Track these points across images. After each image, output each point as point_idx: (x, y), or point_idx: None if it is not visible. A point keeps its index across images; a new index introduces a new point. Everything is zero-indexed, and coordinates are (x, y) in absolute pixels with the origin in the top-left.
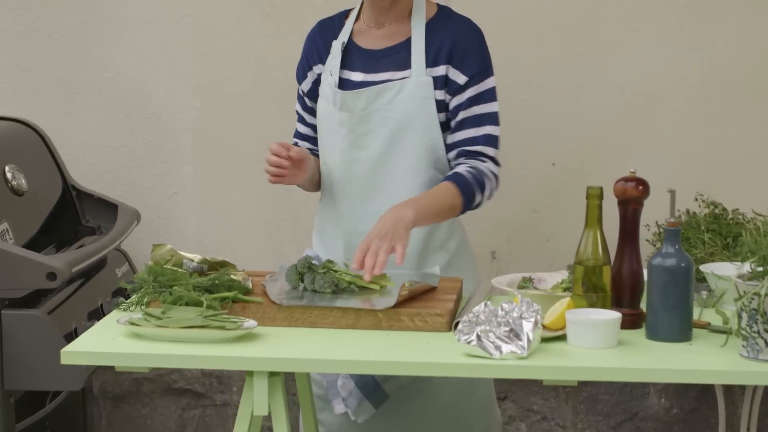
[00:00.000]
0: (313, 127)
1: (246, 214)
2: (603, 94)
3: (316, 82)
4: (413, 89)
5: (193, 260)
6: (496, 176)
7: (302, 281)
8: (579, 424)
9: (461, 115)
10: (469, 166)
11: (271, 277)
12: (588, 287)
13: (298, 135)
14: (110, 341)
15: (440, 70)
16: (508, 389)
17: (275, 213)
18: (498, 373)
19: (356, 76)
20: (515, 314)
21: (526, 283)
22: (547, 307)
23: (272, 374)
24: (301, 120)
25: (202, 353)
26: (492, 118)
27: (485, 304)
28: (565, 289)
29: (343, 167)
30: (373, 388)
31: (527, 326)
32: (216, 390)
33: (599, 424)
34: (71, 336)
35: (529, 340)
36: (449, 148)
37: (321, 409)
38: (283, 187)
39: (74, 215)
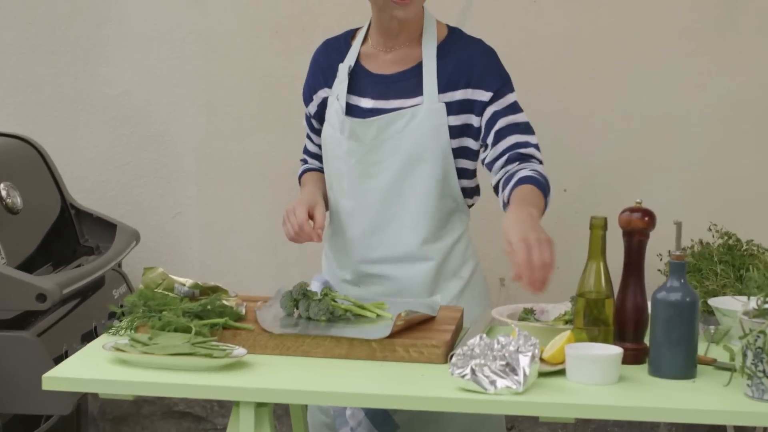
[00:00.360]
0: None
1: (250, 235)
2: (616, 119)
3: (322, 106)
4: (425, 117)
5: (184, 284)
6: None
7: (297, 308)
8: None
9: (500, 123)
10: (532, 169)
11: (266, 303)
12: (590, 320)
13: (307, 152)
14: (94, 367)
15: (457, 95)
16: (514, 419)
17: (280, 235)
18: (492, 409)
19: (366, 103)
20: (512, 348)
21: (527, 315)
22: (548, 340)
23: (259, 405)
24: (310, 139)
25: (187, 382)
26: (529, 128)
27: (481, 337)
28: (566, 322)
29: (352, 196)
30: (383, 418)
31: (524, 360)
32: (217, 414)
33: None
34: (61, 359)
35: (525, 375)
36: (494, 161)
37: None
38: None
39: (72, 234)
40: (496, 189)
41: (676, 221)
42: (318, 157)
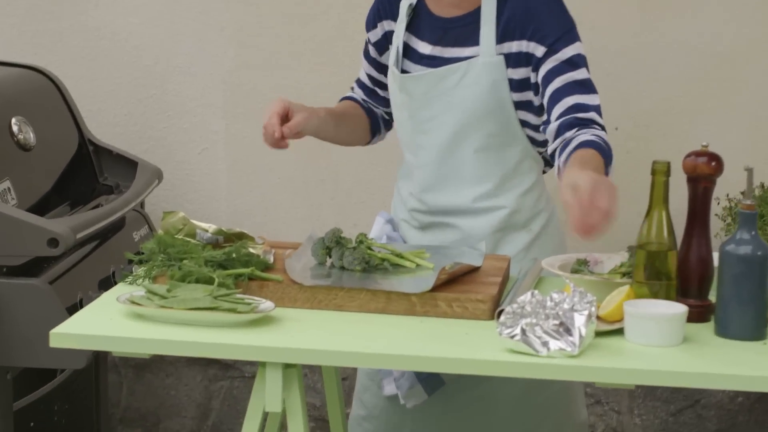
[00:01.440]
0: (372, 79)
1: (281, 173)
2: (672, 55)
3: (385, 38)
4: (481, 72)
5: (207, 231)
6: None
7: (329, 256)
8: (636, 410)
9: (555, 83)
10: (593, 134)
11: (297, 251)
12: (651, 274)
13: (359, 82)
14: (107, 322)
15: (515, 46)
16: None
17: (313, 173)
18: (544, 373)
19: (424, 48)
20: (566, 306)
21: (580, 266)
22: (604, 295)
23: (287, 366)
24: (364, 67)
25: (208, 340)
26: (590, 86)
27: (532, 294)
28: (624, 275)
29: (410, 149)
30: (429, 373)
31: (579, 320)
32: (245, 361)
33: (657, 411)
34: (75, 308)
35: (581, 336)
36: (552, 122)
37: (366, 388)
38: (322, 145)
39: (90, 172)
40: (552, 157)
41: (747, 167)
42: (366, 89)
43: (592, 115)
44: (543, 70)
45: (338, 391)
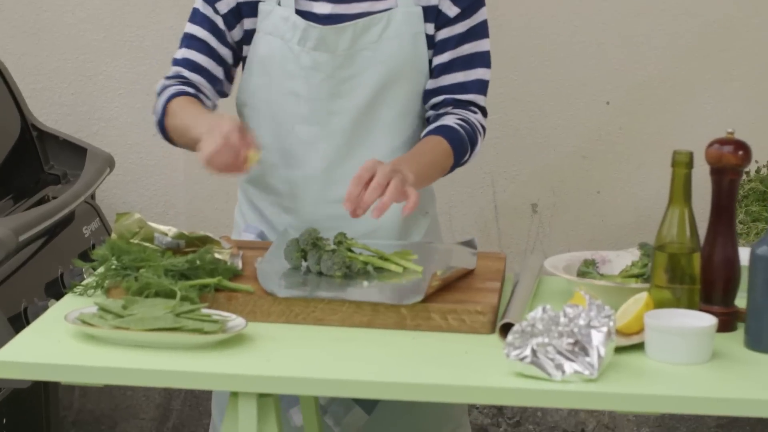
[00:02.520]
0: (217, 58)
1: None
2: (666, 21)
3: (240, 9)
4: (402, 23)
5: (166, 234)
6: (484, 130)
7: (305, 260)
8: None
9: (448, 55)
10: (459, 118)
11: (268, 252)
12: (672, 278)
13: (189, 65)
14: (54, 345)
15: None
16: None
17: None
18: (560, 402)
19: (321, 8)
20: (582, 322)
21: (588, 268)
22: (617, 301)
23: (262, 395)
24: (201, 47)
25: (171, 366)
26: (484, 59)
27: (543, 309)
28: (637, 276)
29: (315, 121)
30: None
31: (597, 338)
32: None
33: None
34: (18, 319)
35: (599, 357)
36: (431, 93)
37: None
38: None
39: (35, 160)
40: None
41: None
42: (204, 73)
43: (472, 96)
44: (447, 32)
45: (318, 423)
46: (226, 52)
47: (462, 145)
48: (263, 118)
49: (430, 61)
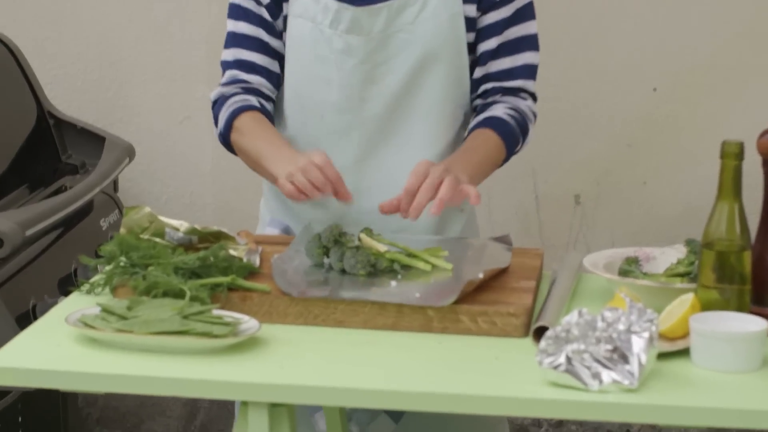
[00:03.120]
0: (271, 53)
1: None
2: (717, 2)
3: None
4: (440, 3)
5: (178, 229)
6: (535, 116)
7: (327, 256)
8: None
9: (495, 41)
10: (510, 107)
11: (289, 248)
12: (720, 278)
13: (245, 66)
14: (54, 349)
15: None
16: None
17: None
18: (597, 414)
19: None
20: (621, 327)
21: (630, 266)
22: (661, 302)
23: (274, 405)
24: (252, 44)
25: (177, 374)
26: (532, 43)
27: (580, 313)
28: (683, 275)
29: (346, 109)
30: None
31: (638, 344)
32: None
33: None
34: (26, 317)
35: (640, 365)
36: (478, 82)
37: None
38: None
39: (52, 150)
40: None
41: None
42: (266, 74)
43: (521, 83)
44: (493, 16)
45: (342, 429)
46: (278, 44)
47: (513, 136)
48: (291, 107)
49: (471, 45)
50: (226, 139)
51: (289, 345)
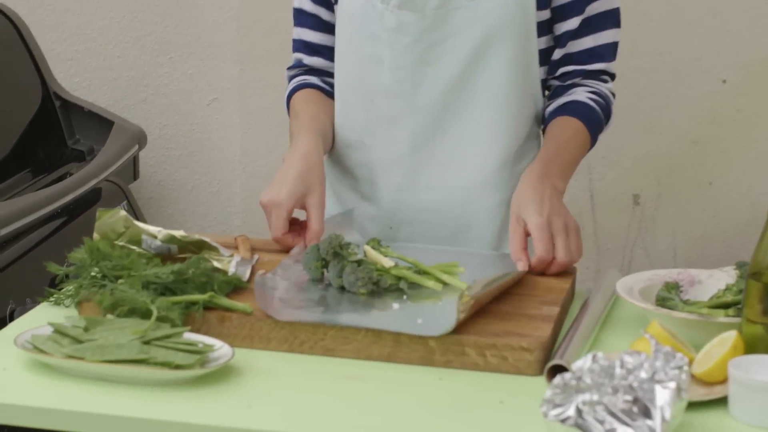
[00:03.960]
0: (332, 30)
1: None
2: None
3: None
4: None
5: (155, 237)
6: (614, 96)
7: (327, 270)
8: None
9: (576, 20)
10: (591, 91)
11: (287, 258)
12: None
13: (305, 47)
14: None
15: None
16: None
17: None
18: None
19: None
20: (644, 374)
21: (669, 293)
22: (702, 336)
23: None
24: (313, 23)
25: (125, 411)
26: (614, 18)
27: (594, 357)
28: (729, 306)
29: (397, 93)
30: None
31: (663, 396)
32: None
33: None
34: (3, 323)
35: (663, 420)
36: (558, 64)
37: None
38: None
39: (57, 133)
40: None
41: None
42: (323, 50)
43: (604, 65)
44: None
45: None
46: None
47: (598, 125)
48: (339, 90)
49: (542, 25)
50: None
51: (265, 378)
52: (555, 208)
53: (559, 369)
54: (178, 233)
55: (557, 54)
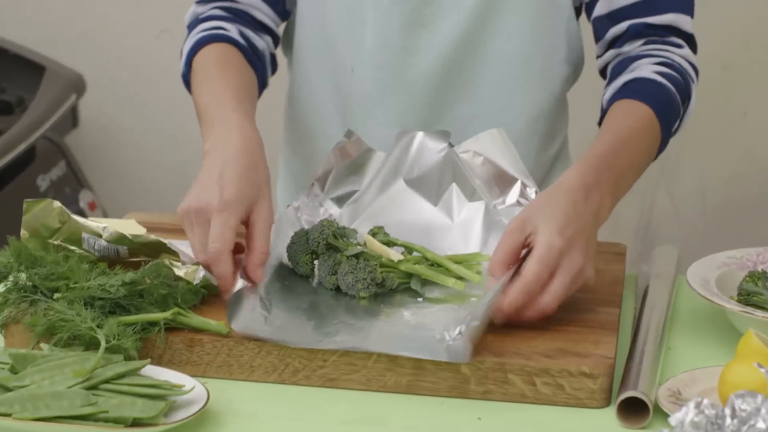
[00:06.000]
0: None
1: None
2: None
3: None
4: None
5: (100, 235)
6: (697, 74)
7: (317, 268)
8: None
9: None
10: (660, 63)
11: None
12: None
13: None
14: None
15: None
16: None
17: None
18: None
19: None
20: (762, 425)
21: (756, 284)
22: None
23: None
24: None
25: None
26: None
27: (697, 405)
28: None
29: (382, 62)
30: None
31: None
32: None
33: None
34: None
35: None
36: (603, 22)
37: None
38: None
39: None
40: (602, 74)
41: None
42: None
43: (672, 18)
44: None
45: None
46: None
47: (673, 111)
48: (306, 52)
49: None
50: (186, 81)
51: (250, 423)
52: (583, 239)
53: (632, 400)
54: (129, 231)
55: (601, 8)
